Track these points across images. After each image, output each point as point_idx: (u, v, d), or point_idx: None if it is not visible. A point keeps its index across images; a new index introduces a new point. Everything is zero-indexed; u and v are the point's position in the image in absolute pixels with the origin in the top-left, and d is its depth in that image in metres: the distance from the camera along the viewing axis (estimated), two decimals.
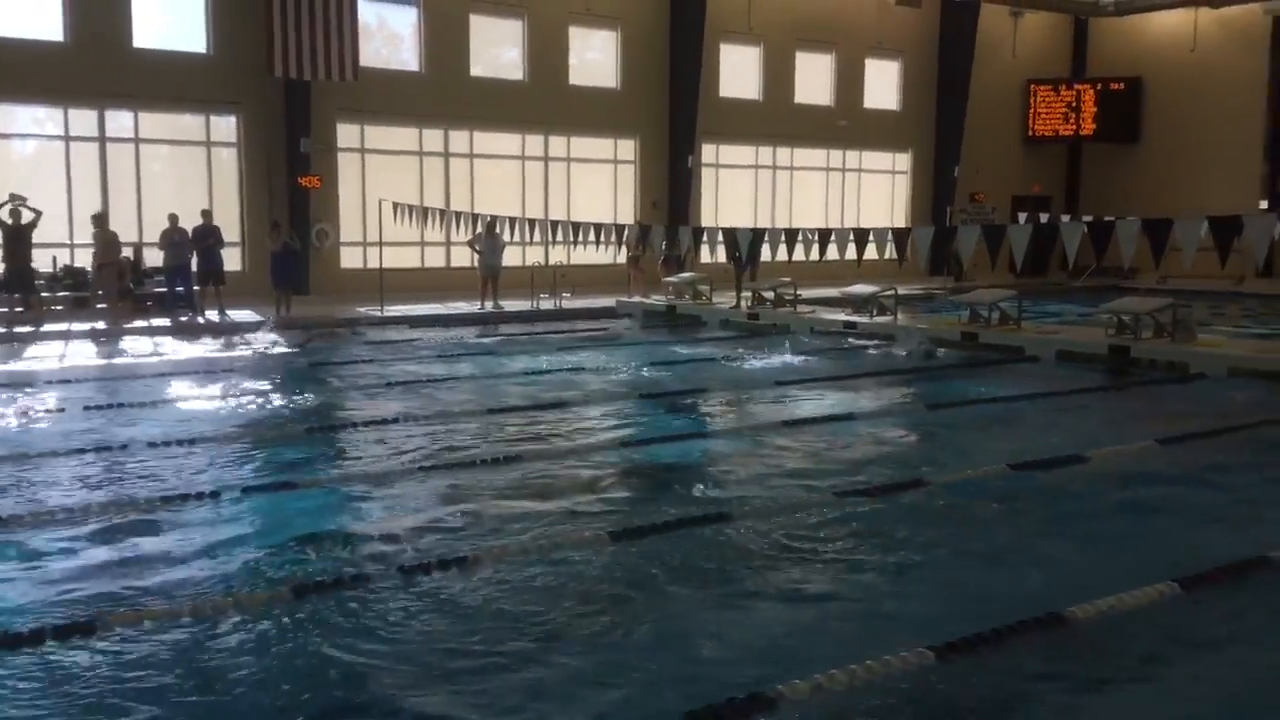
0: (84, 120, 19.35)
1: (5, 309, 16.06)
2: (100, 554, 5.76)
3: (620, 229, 17.92)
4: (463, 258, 21.78)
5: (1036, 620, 4.67)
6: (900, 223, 27.69)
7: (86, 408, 9.90)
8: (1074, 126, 30.41)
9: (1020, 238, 12.58)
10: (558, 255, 20.50)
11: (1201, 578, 5.28)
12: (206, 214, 17.74)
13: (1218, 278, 21.33)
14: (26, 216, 15.94)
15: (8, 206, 15.78)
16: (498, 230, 19.10)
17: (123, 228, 19.19)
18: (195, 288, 17.62)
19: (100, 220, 17.18)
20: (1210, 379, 11.71)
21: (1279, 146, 27.35)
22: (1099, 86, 30.16)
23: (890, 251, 14.15)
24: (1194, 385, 11.61)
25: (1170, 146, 29.04)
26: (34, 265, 16.51)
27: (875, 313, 16.52)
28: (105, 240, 17.01)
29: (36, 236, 16.72)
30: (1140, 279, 23.04)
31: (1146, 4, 28.48)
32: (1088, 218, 17.44)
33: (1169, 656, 4.59)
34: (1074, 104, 30.30)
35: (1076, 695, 4.21)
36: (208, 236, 17.45)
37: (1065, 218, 19.99)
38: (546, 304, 19.45)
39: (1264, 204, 26.25)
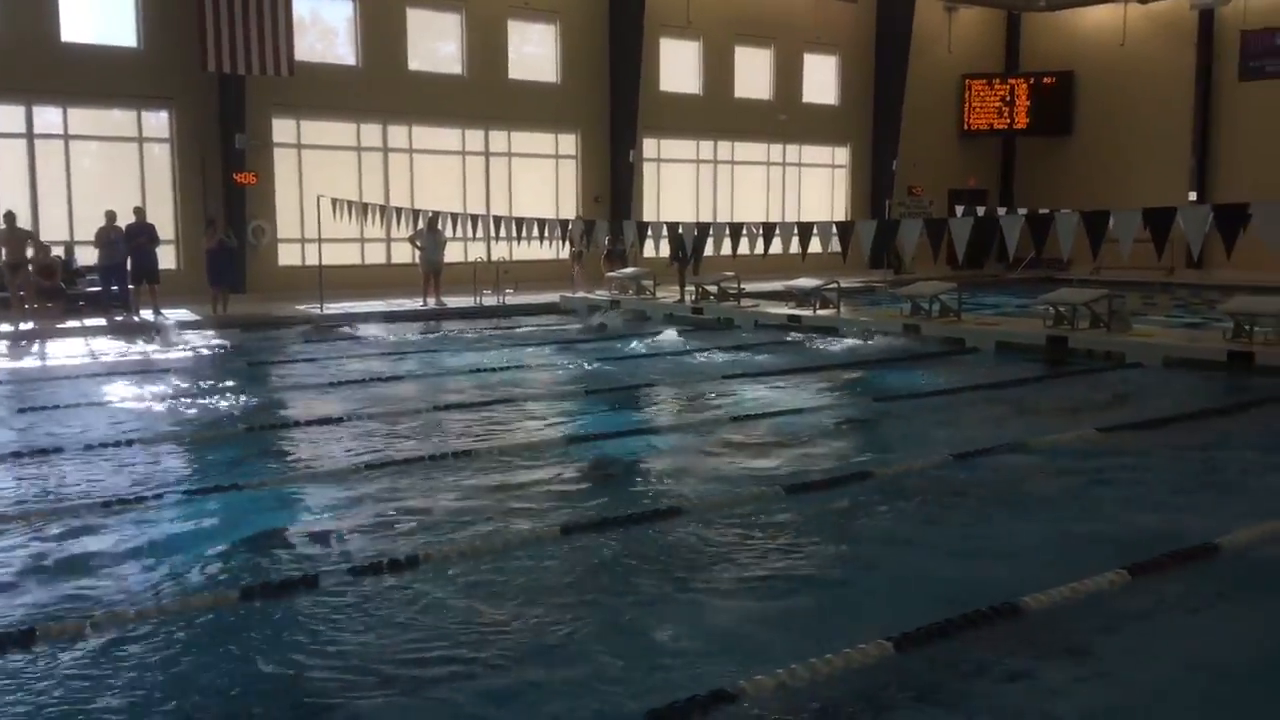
0: (11, 116, 18.82)
1: None
2: (37, 560, 5.61)
3: (563, 224, 17.85)
4: (403, 254, 21.54)
5: (994, 610, 4.72)
6: (840, 216, 27.95)
7: (20, 410, 9.65)
8: (1008, 120, 30.88)
9: (962, 231, 12.74)
10: (500, 251, 20.35)
11: (1145, 564, 5.37)
12: (139, 211, 17.39)
13: (1150, 269, 21.86)
14: None
15: None
16: (439, 226, 18.95)
17: (53, 226, 18.80)
18: (130, 287, 17.23)
19: (9, 218, 16.30)
20: (1146, 368, 11.96)
21: (1207, 139, 27.99)
22: (1032, 80, 30.66)
23: (834, 245, 14.25)
24: (1130, 374, 11.85)
25: (1101, 139, 29.62)
26: None
27: (819, 306, 16.64)
28: (14, 239, 16.25)
29: None
30: (1074, 270, 23.50)
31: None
32: (1023, 210, 17.72)
33: (1112, 642, 4.66)
34: (1008, 98, 30.77)
35: (1026, 682, 4.27)
36: (140, 234, 17.06)
37: (1001, 210, 20.26)
38: (490, 300, 19.32)
39: (1193, 195, 26.89)
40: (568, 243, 19.41)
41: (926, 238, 13.23)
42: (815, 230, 14.34)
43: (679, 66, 26.21)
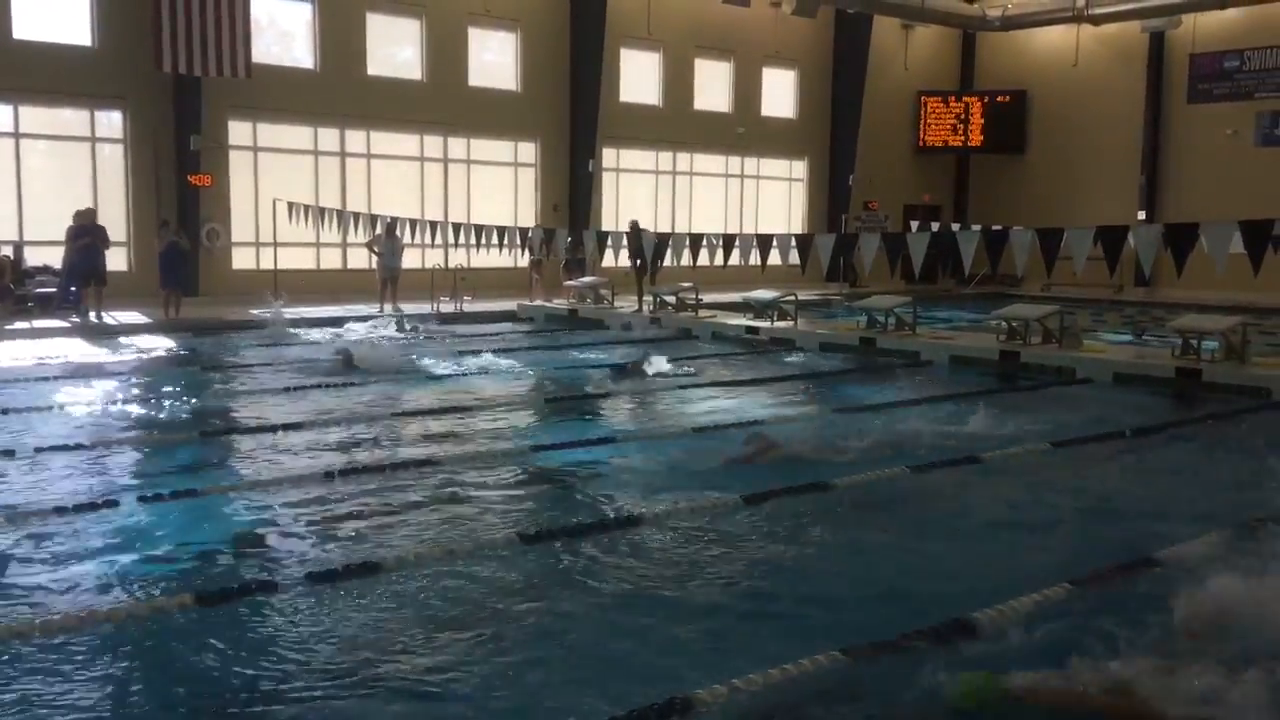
0: None
1: None
2: None
3: (523, 232, 17.83)
4: (359, 259, 21.44)
5: (948, 624, 4.76)
6: (797, 228, 28.13)
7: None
8: (963, 137, 31.29)
9: (919, 246, 12.87)
10: (458, 258, 20.28)
11: (1093, 577, 5.44)
12: (90, 212, 17.08)
13: (1099, 286, 22.24)
14: None
15: None
16: (397, 232, 18.85)
17: (2, 225, 18.46)
18: (72, 289, 16.91)
19: None
20: (1096, 383, 12.15)
21: (1156, 159, 28.52)
22: (986, 99, 31.09)
23: (793, 257, 14.33)
24: (1081, 389, 12.04)
25: (1054, 157, 30.09)
26: None
27: (776, 318, 16.73)
28: None
29: None
30: (1026, 287, 23.84)
31: (1031, 20, 29.42)
32: (976, 226, 17.95)
33: (1061, 655, 4.72)
34: (963, 115, 31.17)
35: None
36: (86, 235, 16.71)
37: (955, 226, 20.54)
38: (447, 307, 19.22)
39: (1142, 214, 27.38)
40: (527, 251, 19.37)
41: (883, 252, 13.34)
42: (775, 242, 14.42)
43: (639, 77, 26.30)
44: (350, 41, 22.08)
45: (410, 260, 19.91)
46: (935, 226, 20.36)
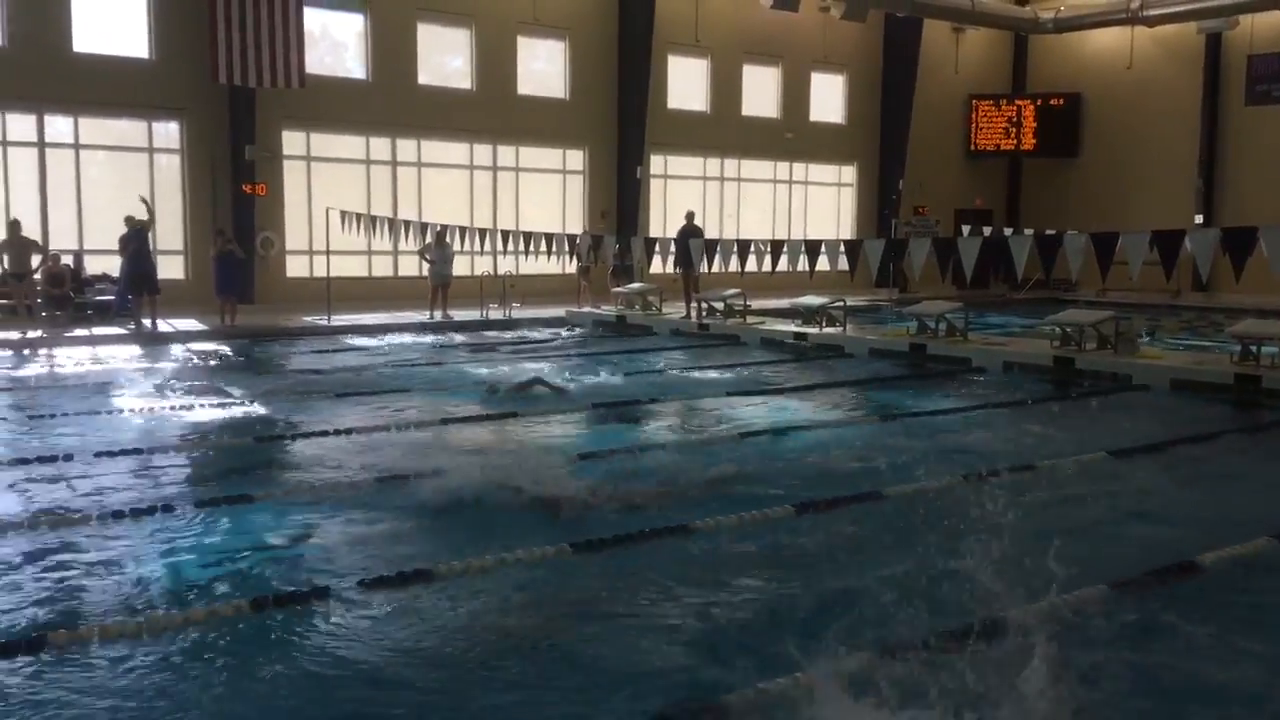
0: (22, 125, 18.94)
1: None
2: (47, 568, 5.61)
3: (571, 239, 17.89)
4: (410, 267, 21.65)
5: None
6: (846, 234, 28.01)
7: (29, 416, 9.67)
8: (1015, 141, 30.95)
9: (970, 251, 12.75)
10: (507, 265, 20.41)
11: (1139, 583, 5.36)
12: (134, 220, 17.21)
13: (1155, 290, 21.87)
14: None
15: None
16: (448, 240, 19.01)
17: (62, 235, 18.86)
18: (128, 296, 17.20)
19: (14, 227, 16.25)
20: (1153, 390, 11.95)
21: (1213, 162, 28.03)
22: (1039, 102, 30.74)
23: (841, 263, 14.26)
24: (1137, 396, 11.84)
25: (1108, 161, 29.66)
26: None
27: (824, 324, 16.64)
28: (19, 248, 16.19)
29: None
30: (1080, 291, 23.50)
31: (1084, 22, 29.03)
32: (1029, 230, 17.74)
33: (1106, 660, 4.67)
34: (1015, 119, 30.84)
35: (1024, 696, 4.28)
36: (130, 240, 16.78)
37: (1008, 231, 20.30)
38: (496, 314, 19.34)
39: (1199, 218, 26.89)
40: (575, 258, 19.45)
41: (934, 257, 13.23)
42: (823, 248, 14.36)
43: (687, 83, 26.30)
44: (401, 51, 22.32)
45: (459, 267, 20.06)
46: (987, 231, 20.15)
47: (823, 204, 29.20)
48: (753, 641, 4.82)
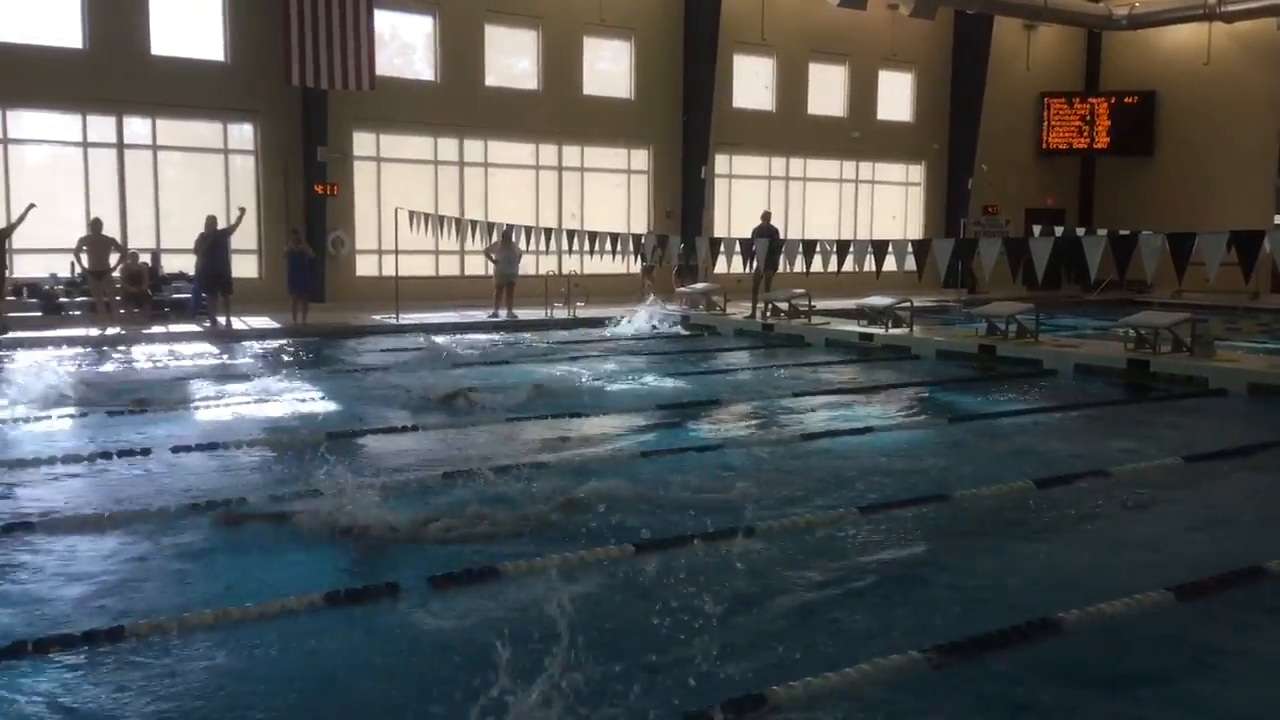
0: (102, 127, 19.44)
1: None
2: (128, 561, 5.75)
3: (636, 238, 17.93)
4: (476, 266, 21.87)
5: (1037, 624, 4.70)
6: (914, 234, 27.72)
7: (110, 413, 9.92)
8: (1088, 139, 30.41)
9: (1042, 251, 12.55)
10: (571, 265, 20.52)
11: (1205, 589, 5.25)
12: (211, 219, 17.54)
13: (1233, 292, 21.35)
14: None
15: None
16: (514, 239, 19.17)
17: (140, 234, 19.32)
18: (203, 295, 17.58)
19: (95, 226, 16.69)
20: (1231, 395, 11.66)
21: None
22: (1113, 100, 30.17)
23: (908, 263, 14.12)
24: (1215, 401, 11.57)
25: (1184, 160, 29.01)
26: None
27: (891, 325, 16.49)
28: (99, 246, 16.59)
29: (56, 241, 16.83)
30: (1155, 293, 23.03)
31: (1159, 18, 28.42)
32: (1103, 230, 17.41)
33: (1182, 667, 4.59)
34: (1088, 117, 30.30)
35: (1083, 701, 4.27)
36: (204, 241, 17.24)
37: (1080, 230, 19.96)
38: (560, 313, 19.45)
39: (1278, 218, 26.17)
40: (639, 257, 19.49)
41: (1004, 257, 13.05)
42: (890, 247, 14.23)
43: (752, 82, 26.22)
44: (469, 53, 22.53)
45: (524, 267, 20.22)
46: (1059, 231, 19.80)
47: (890, 203, 28.93)
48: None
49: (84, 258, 16.56)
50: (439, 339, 15.93)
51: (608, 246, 17.53)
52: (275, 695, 4.21)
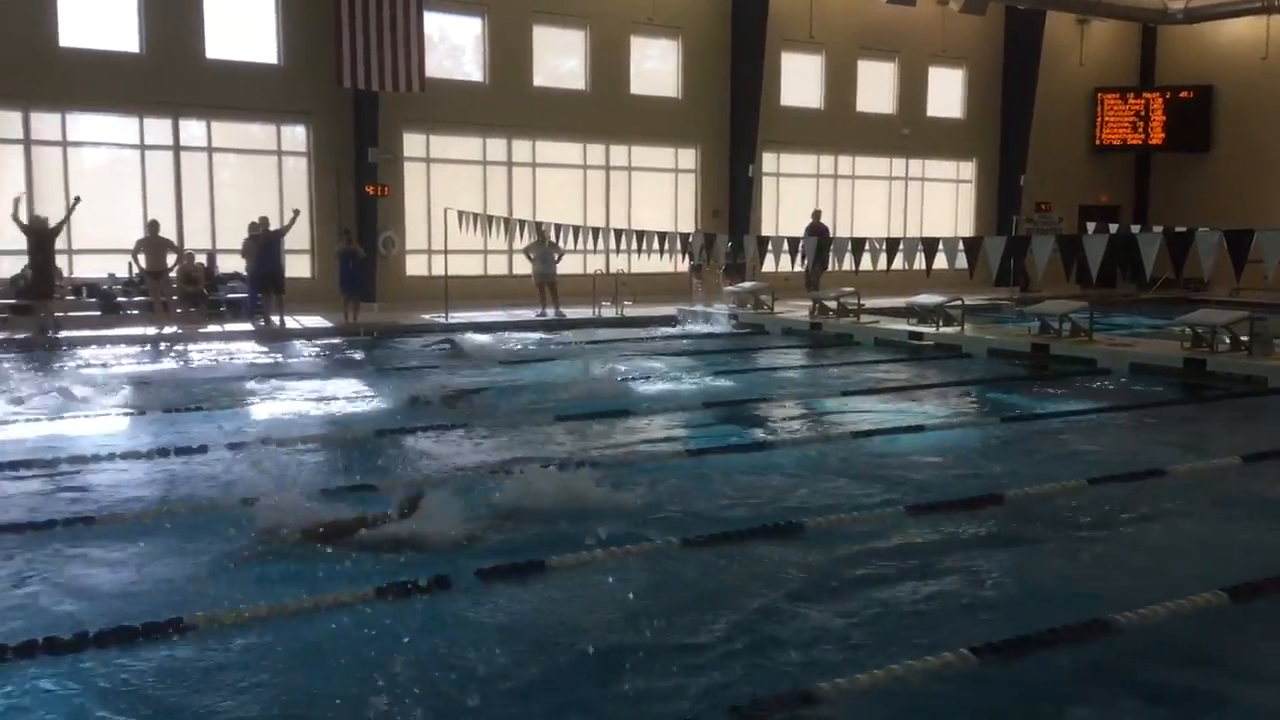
0: (159, 129, 19.78)
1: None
2: (187, 554, 5.86)
3: (683, 237, 17.94)
4: (524, 266, 21.91)
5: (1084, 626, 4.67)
6: (965, 231, 27.40)
7: (165, 410, 10.11)
8: (1143, 135, 29.92)
9: (1096, 248, 12.37)
10: (619, 264, 20.57)
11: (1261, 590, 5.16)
12: (263, 221, 17.77)
13: None
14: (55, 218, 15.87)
15: (22, 207, 15.59)
16: (552, 239, 19.28)
17: (196, 235, 19.64)
18: (257, 295, 17.83)
19: (153, 227, 17.06)
20: None
21: None
22: (1168, 95, 29.65)
23: (959, 261, 13.99)
24: (1274, 400, 11.34)
25: (1242, 156, 28.44)
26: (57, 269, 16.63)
27: (941, 323, 16.33)
28: (157, 247, 16.92)
29: (115, 242, 17.14)
30: (1212, 291, 22.61)
31: (1216, 11, 27.89)
32: (1158, 227, 17.13)
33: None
34: (1142, 112, 29.81)
35: (1135, 704, 4.25)
36: (255, 244, 17.52)
37: (1135, 228, 19.65)
38: (608, 312, 19.50)
39: None
40: (687, 256, 19.49)
41: (1058, 254, 12.88)
42: (941, 245, 14.11)
43: (800, 80, 26.09)
44: (517, 53, 22.65)
45: (572, 266, 20.28)
46: (1114, 228, 19.53)
47: (940, 201, 28.66)
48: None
49: (141, 258, 16.90)
50: (480, 337, 16.08)
51: (655, 245, 17.54)
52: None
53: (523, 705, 4.17)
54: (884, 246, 14.75)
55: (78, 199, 16.07)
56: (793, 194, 26.24)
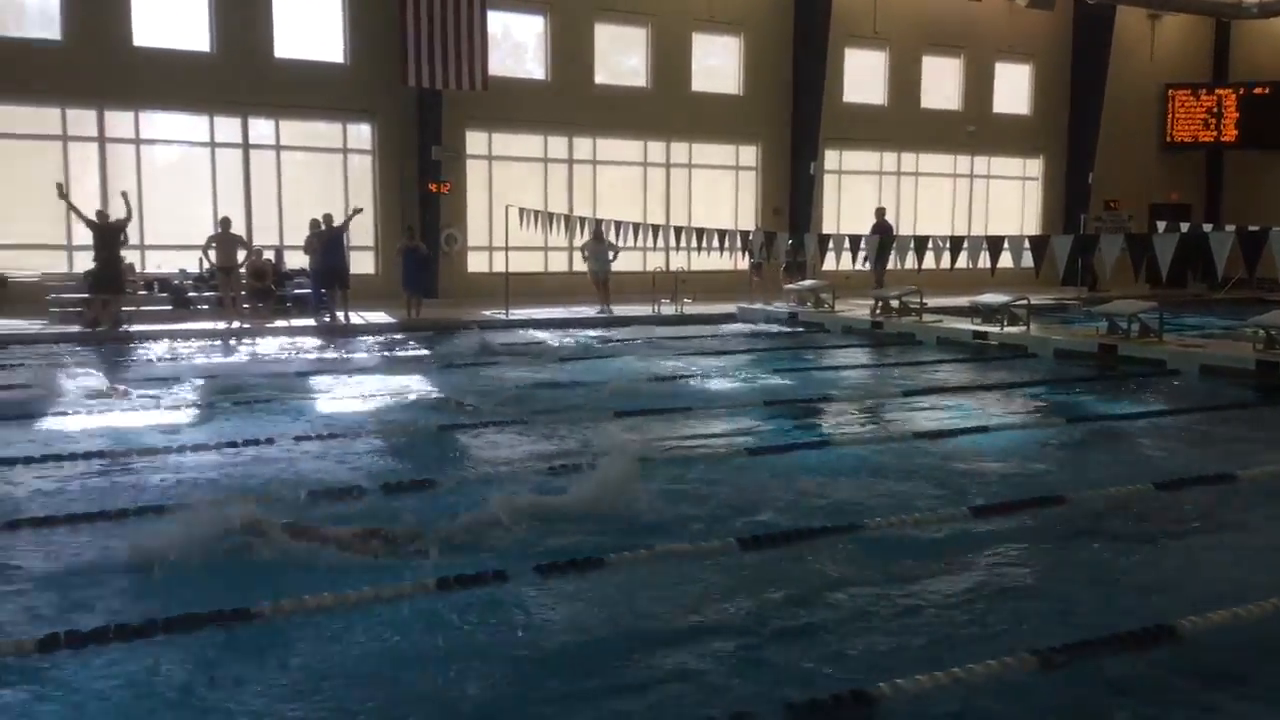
0: (229, 128, 20.16)
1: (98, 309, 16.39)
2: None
3: (743, 235, 17.89)
4: (584, 262, 22.04)
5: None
6: (1031, 230, 26.98)
7: (235, 403, 10.31)
8: (1215, 132, 29.23)
9: (1166, 247, 12.13)
10: (679, 261, 20.57)
11: None
12: (329, 218, 18.01)
13: None
14: (119, 212, 16.08)
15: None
16: (606, 236, 19.34)
17: (265, 231, 19.99)
18: (322, 290, 18.09)
19: (224, 224, 17.50)
20: None
21: None
22: (1242, 91, 28.92)
23: (1025, 260, 13.80)
24: None
25: None
26: (125, 264, 16.88)
27: (1006, 323, 16.11)
28: (228, 244, 17.31)
29: (185, 239, 17.49)
30: None
31: None
32: (1230, 226, 16.73)
33: None
34: (1215, 109, 29.12)
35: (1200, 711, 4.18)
36: (319, 239, 17.79)
37: (1207, 226, 19.20)
38: (668, 309, 19.51)
39: None
40: (747, 254, 19.43)
41: (1126, 254, 12.65)
42: (1006, 244, 13.92)
43: (864, 76, 25.88)
44: (579, 51, 22.74)
45: (632, 263, 20.30)
46: (1184, 227, 19.11)
47: (1006, 199, 28.27)
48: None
49: (212, 254, 17.28)
50: (540, 334, 16.16)
51: (715, 243, 17.51)
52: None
53: (579, 685, 4.22)
54: (948, 245, 14.58)
55: (123, 192, 16.18)
56: (854, 191, 26.04)
